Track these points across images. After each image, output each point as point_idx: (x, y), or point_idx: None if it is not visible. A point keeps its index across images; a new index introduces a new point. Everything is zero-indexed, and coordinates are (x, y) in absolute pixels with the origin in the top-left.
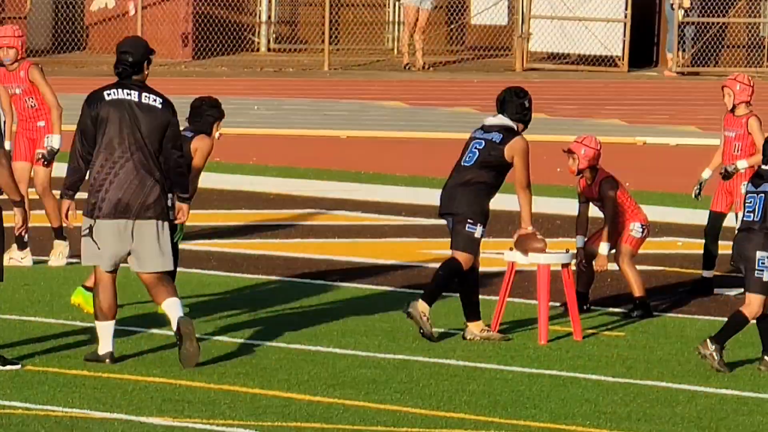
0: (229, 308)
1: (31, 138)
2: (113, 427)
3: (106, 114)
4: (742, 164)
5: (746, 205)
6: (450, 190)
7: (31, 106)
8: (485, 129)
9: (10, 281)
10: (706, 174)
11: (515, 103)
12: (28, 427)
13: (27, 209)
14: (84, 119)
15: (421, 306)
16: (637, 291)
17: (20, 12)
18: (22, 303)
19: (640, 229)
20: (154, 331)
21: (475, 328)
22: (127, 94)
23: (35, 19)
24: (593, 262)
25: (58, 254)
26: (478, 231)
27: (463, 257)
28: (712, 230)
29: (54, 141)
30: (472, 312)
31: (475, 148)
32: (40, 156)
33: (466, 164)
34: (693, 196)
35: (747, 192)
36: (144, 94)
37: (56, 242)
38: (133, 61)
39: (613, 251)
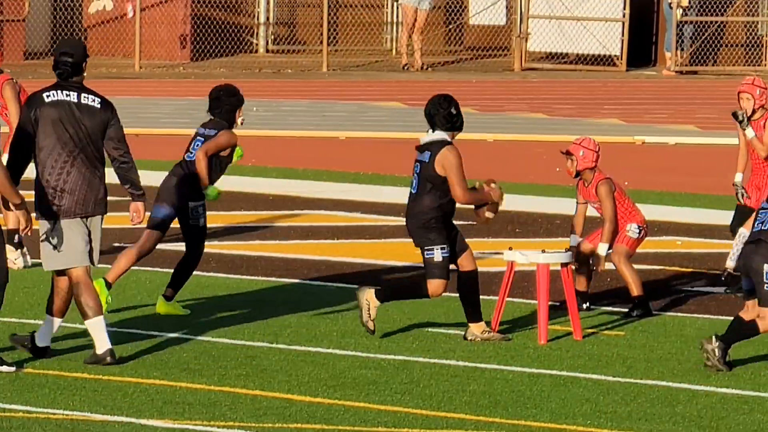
0: (228, 310)
1: None
2: (114, 430)
3: (47, 116)
4: (750, 133)
5: (757, 218)
6: (406, 221)
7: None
8: (419, 149)
9: (9, 284)
10: (738, 178)
11: (442, 114)
12: (28, 430)
13: (29, 211)
14: (23, 121)
15: (369, 295)
16: (636, 290)
17: (19, 15)
18: (22, 306)
19: (637, 230)
20: (154, 333)
21: (476, 329)
22: (67, 95)
23: (34, 22)
24: (591, 263)
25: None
26: (436, 254)
27: (431, 285)
28: (739, 225)
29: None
30: (472, 313)
31: (416, 172)
32: None
33: (413, 192)
34: (739, 199)
35: (761, 208)
36: (83, 95)
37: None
38: (73, 62)
39: (611, 251)
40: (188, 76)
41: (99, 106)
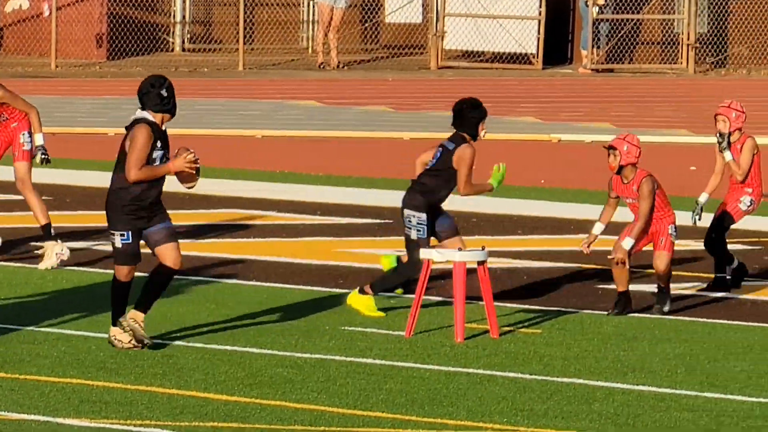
0: None
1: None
2: (30, 429)
3: None
4: (728, 156)
5: None
6: None
7: (4, 120)
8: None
9: None
10: (702, 198)
11: (152, 95)
12: None
13: None
14: None
15: (132, 314)
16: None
17: None
18: None
19: (675, 231)
20: (71, 332)
21: (134, 316)
22: None
23: None
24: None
25: (51, 255)
26: (116, 240)
27: (115, 271)
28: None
29: (39, 138)
30: (141, 301)
31: None
32: (42, 156)
33: None
34: (692, 222)
35: None
36: None
37: (46, 244)
38: None
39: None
40: (105, 75)
41: None
